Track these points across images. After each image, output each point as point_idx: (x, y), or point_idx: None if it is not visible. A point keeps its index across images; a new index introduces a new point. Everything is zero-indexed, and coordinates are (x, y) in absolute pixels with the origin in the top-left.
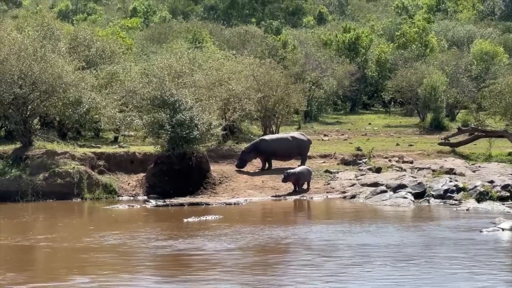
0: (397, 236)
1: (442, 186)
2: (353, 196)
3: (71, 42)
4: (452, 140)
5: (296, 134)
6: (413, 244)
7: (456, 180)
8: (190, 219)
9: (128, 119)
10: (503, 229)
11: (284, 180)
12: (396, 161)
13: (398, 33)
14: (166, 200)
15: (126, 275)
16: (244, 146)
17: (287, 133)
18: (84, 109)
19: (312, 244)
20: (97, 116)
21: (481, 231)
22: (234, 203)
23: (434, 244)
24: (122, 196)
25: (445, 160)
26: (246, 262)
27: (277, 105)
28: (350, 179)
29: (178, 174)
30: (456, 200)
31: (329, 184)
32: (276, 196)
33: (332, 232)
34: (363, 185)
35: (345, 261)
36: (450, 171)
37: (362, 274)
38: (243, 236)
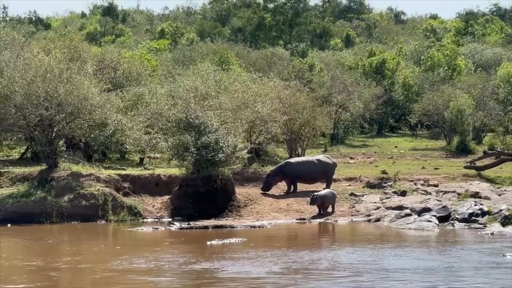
0: (420, 261)
1: (467, 210)
2: (377, 219)
3: (98, 64)
4: (478, 163)
5: (321, 157)
6: (437, 269)
7: (481, 204)
8: (214, 242)
9: (154, 141)
10: None
11: (312, 202)
12: (422, 184)
13: (425, 56)
14: (190, 222)
15: None
16: (269, 169)
17: (313, 156)
18: (110, 131)
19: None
20: (122, 138)
21: (504, 255)
22: (259, 226)
23: (456, 269)
24: (147, 218)
25: (471, 184)
26: None
27: (303, 127)
28: (375, 202)
29: (203, 196)
30: (481, 223)
31: (354, 207)
32: (300, 219)
33: (364, 256)
34: (388, 208)
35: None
36: (476, 195)
37: None
38: (284, 259)
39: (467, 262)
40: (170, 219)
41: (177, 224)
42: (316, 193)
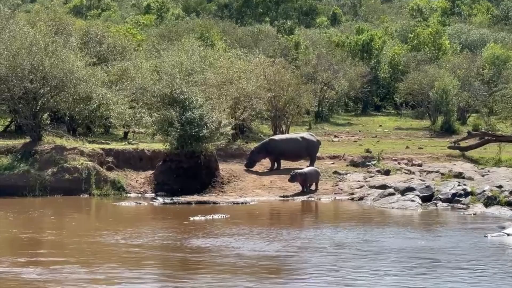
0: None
1: (450, 190)
2: (361, 198)
3: (83, 38)
4: (462, 144)
5: (305, 134)
6: (417, 248)
7: (465, 184)
8: (196, 218)
9: (138, 116)
10: (508, 235)
11: (291, 180)
12: (405, 164)
13: (412, 35)
14: (173, 198)
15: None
16: (253, 145)
17: (297, 133)
18: (95, 105)
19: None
20: (107, 112)
21: (485, 236)
22: (242, 202)
23: (438, 248)
24: (130, 193)
25: (454, 164)
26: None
27: (287, 105)
28: (358, 181)
29: (186, 172)
30: (463, 204)
31: (337, 185)
32: (283, 196)
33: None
34: (371, 187)
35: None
36: (459, 175)
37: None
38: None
39: (448, 242)
40: (153, 194)
41: (160, 200)
42: (296, 171)
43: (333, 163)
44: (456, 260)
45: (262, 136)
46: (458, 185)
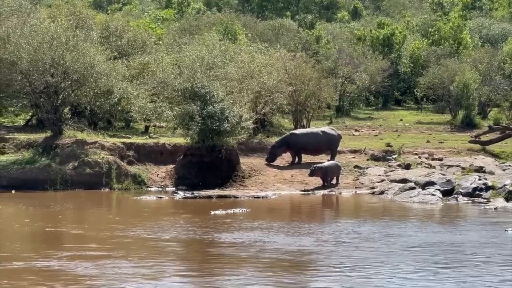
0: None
1: (471, 184)
2: (381, 192)
3: (103, 32)
4: (483, 138)
5: (326, 128)
6: (444, 243)
7: (485, 179)
8: (217, 212)
9: (159, 110)
10: None
11: (311, 174)
12: (426, 158)
13: (432, 30)
14: (194, 192)
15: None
16: (274, 139)
17: (318, 127)
18: (115, 99)
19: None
20: (128, 106)
21: (506, 230)
22: (263, 197)
23: (459, 244)
24: (151, 187)
25: (475, 158)
26: None
27: (308, 99)
28: (379, 175)
29: (207, 166)
30: (484, 198)
31: (358, 179)
32: (304, 190)
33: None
34: (392, 181)
35: None
36: (480, 169)
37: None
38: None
39: (469, 236)
40: (174, 188)
41: (180, 193)
42: (315, 165)
43: (354, 157)
44: (478, 254)
45: (283, 130)
46: (479, 179)
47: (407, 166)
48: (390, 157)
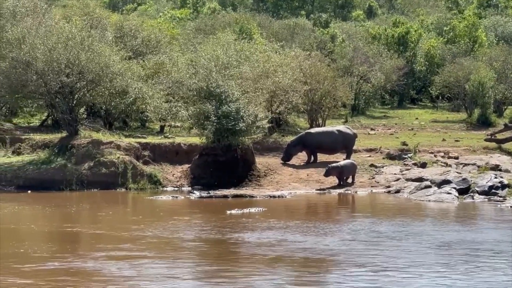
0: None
1: (486, 183)
2: (397, 191)
3: (118, 32)
4: (499, 136)
5: (342, 127)
6: (461, 241)
7: (501, 177)
8: (233, 211)
9: (174, 109)
10: None
11: (326, 174)
12: (442, 157)
13: (447, 28)
14: (210, 191)
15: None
16: (290, 139)
17: (333, 126)
18: (131, 99)
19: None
20: (143, 106)
21: None
22: (279, 196)
23: (476, 243)
24: (167, 187)
25: (491, 157)
26: None
27: (323, 98)
28: (395, 174)
29: (223, 166)
30: (500, 196)
31: (374, 178)
32: (320, 189)
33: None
34: (407, 180)
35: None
36: (496, 168)
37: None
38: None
39: (490, 235)
40: (189, 188)
41: (196, 193)
42: (330, 165)
43: (369, 156)
44: (503, 252)
45: (298, 129)
46: (495, 178)
47: (423, 165)
48: (406, 156)
